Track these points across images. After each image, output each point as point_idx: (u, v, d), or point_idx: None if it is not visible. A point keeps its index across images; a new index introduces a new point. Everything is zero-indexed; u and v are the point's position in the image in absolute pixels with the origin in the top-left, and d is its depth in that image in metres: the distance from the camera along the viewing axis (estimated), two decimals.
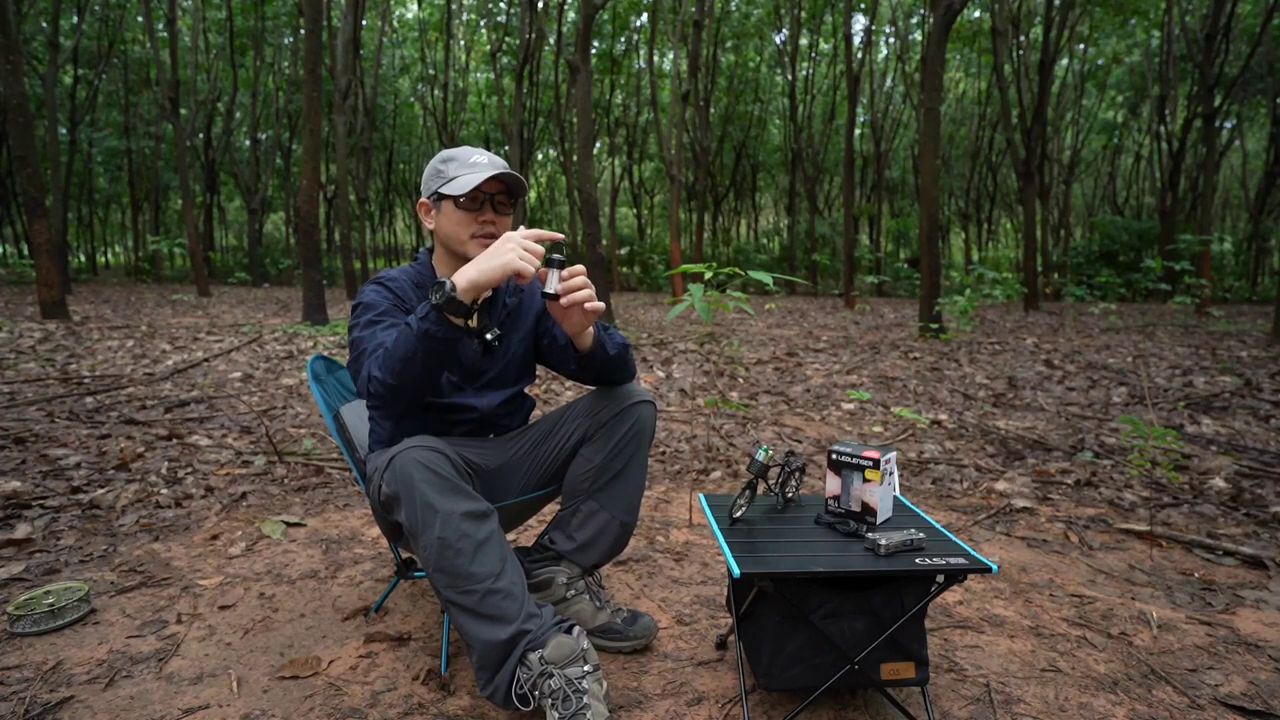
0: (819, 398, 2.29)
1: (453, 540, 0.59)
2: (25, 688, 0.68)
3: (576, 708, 0.56)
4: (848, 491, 0.69)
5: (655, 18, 8.80)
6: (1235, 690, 0.72)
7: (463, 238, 0.71)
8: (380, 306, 0.69)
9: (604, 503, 0.74)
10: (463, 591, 0.60)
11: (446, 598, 0.61)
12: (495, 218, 0.72)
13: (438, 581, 0.61)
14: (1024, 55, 7.63)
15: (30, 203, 3.93)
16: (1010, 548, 1.09)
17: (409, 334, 0.61)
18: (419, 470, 0.60)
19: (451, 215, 0.71)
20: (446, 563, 0.59)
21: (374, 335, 0.66)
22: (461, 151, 0.73)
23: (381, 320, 0.68)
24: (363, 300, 0.71)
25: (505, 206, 0.74)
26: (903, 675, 0.64)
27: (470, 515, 0.61)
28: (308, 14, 4.27)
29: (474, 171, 0.70)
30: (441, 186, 0.72)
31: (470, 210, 0.71)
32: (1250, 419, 1.97)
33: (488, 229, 0.72)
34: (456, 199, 0.70)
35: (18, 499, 1.16)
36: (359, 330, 0.68)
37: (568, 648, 0.59)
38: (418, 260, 0.78)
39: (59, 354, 2.80)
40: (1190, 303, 3.84)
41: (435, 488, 0.60)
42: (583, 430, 0.75)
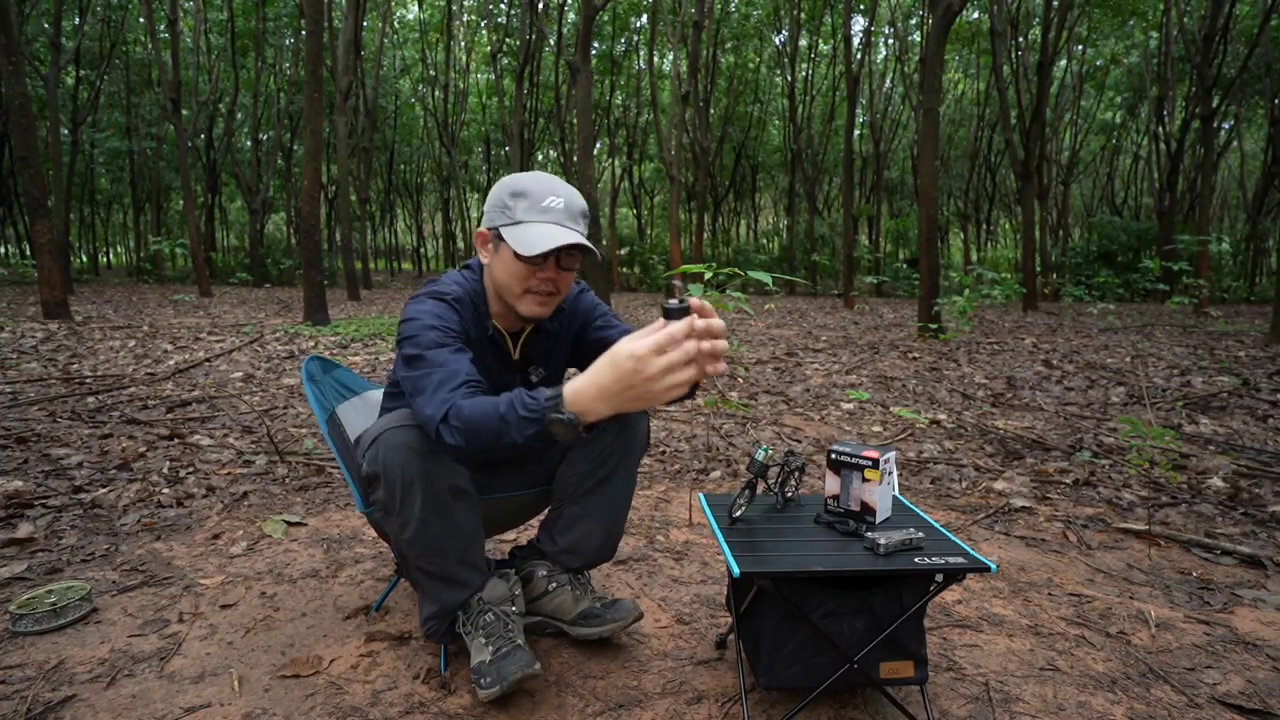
0: (818, 397, 2.29)
1: (433, 518, 0.60)
2: (27, 686, 0.68)
3: (506, 637, 0.64)
4: (847, 491, 0.70)
5: (655, 19, 8.81)
6: (1233, 689, 0.72)
7: (515, 291, 0.64)
8: (448, 322, 0.62)
9: (588, 508, 0.72)
10: (434, 562, 0.63)
11: (416, 565, 0.63)
12: (557, 275, 0.64)
13: (409, 551, 0.61)
14: (1023, 56, 7.68)
15: (32, 203, 3.94)
16: (1009, 547, 1.09)
17: (500, 428, 0.52)
18: (402, 453, 0.58)
19: (509, 264, 0.63)
20: (424, 538, 0.60)
21: (442, 358, 0.58)
22: (536, 185, 0.63)
23: (449, 342, 0.60)
24: (422, 313, 0.62)
25: (573, 262, 0.65)
26: (902, 674, 0.64)
27: (453, 493, 0.61)
28: (309, 15, 4.28)
29: (543, 222, 0.61)
30: (504, 227, 0.63)
31: (532, 264, 0.63)
32: (1248, 419, 1.97)
33: (547, 286, 0.64)
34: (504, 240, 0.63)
35: (20, 498, 1.16)
36: (425, 349, 0.59)
37: (503, 590, 0.67)
38: (469, 273, 0.69)
39: (61, 354, 2.80)
40: (1188, 303, 3.85)
41: (414, 463, 0.58)
42: None
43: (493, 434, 0.53)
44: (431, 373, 0.58)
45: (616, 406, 0.48)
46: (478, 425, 0.54)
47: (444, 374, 0.58)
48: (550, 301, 0.66)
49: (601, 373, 0.48)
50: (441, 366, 0.58)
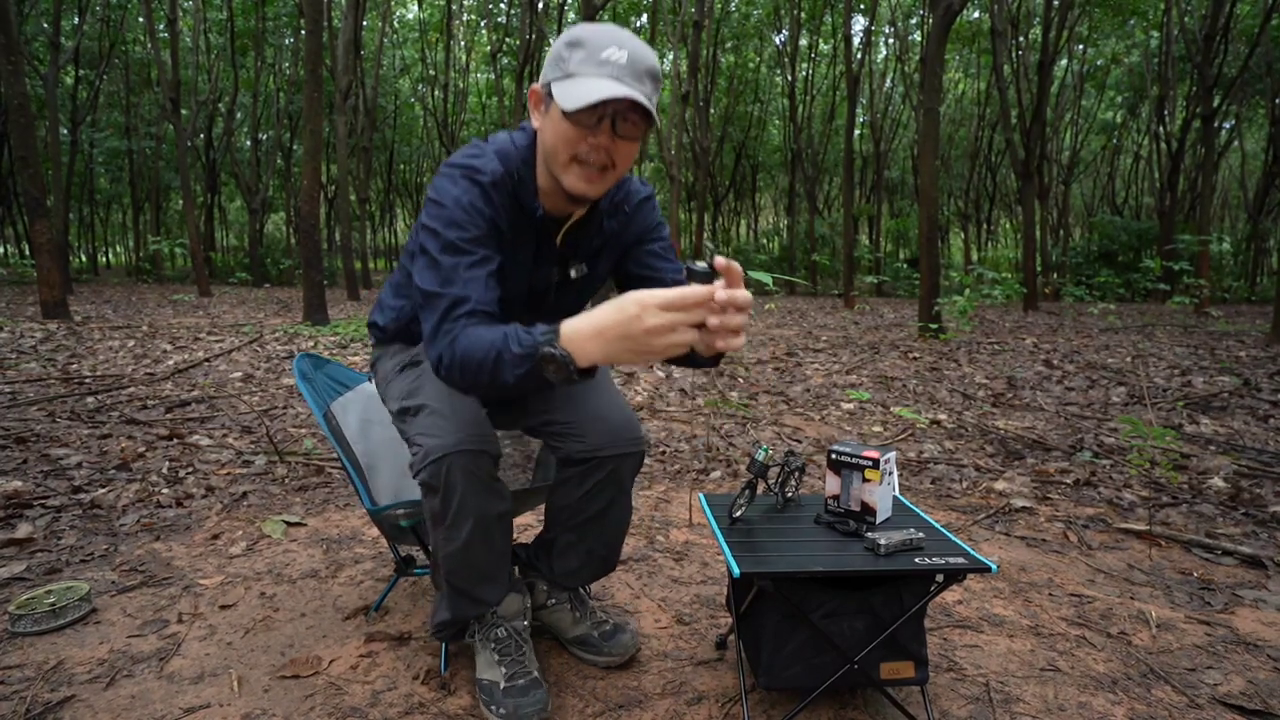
0: (818, 397, 2.29)
1: (478, 543, 0.60)
2: (26, 687, 0.68)
3: (520, 662, 0.64)
4: (847, 491, 0.69)
5: (655, 18, 8.81)
6: (1234, 690, 0.72)
7: (561, 159, 0.53)
8: (475, 219, 0.53)
9: (582, 536, 0.70)
10: (466, 579, 0.63)
11: (448, 578, 0.63)
12: (613, 143, 0.52)
13: (446, 564, 0.61)
14: (1023, 56, 7.64)
15: (31, 203, 3.93)
16: (1009, 547, 1.09)
17: (493, 366, 0.48)
18: (464, 478, 0.56)
19: (557, 124, 0.52)
20: (465, 558, 0.61)
21: (458, 276, 0.51)
22: (596, 34, 0.51)
23: (471, 250, 0.52)
24: (450, 200, 0.53)
25: (634, 129, 0.52)
26: (902, 675, 0.64)
27: (500, 517, 0.61)
28: (308, 15, 4.27)
29: (598, 76, 0.49)
30: (555, 82, 0.51)
31: (581, 126, 0.51)
32: (1249, 419, 1.96)
33: (598, 156, 0.52)
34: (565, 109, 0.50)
35: (19, 498, 1.16)
36: (443, 254, 0.52)
37: (517, 605, 0.67)
38: (520, 137, 0.58)
39: (60, 354, 2.80)
40: (1189, 303, 3.85)
41: (476, 491, 0.57)
42: (577, 432, 0.66)
43: (486, 372, 0.49)
44: (442, 295, 0.52)
45: (609, 353, 0.44)
46: (472, 363, 0.50)
47: (453, 298, 0.52)
48: (601, 179, 0.54)
49: (604, 312, 0.44)
50: (452, 286, 0.52)
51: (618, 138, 0.53)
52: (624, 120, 0.53)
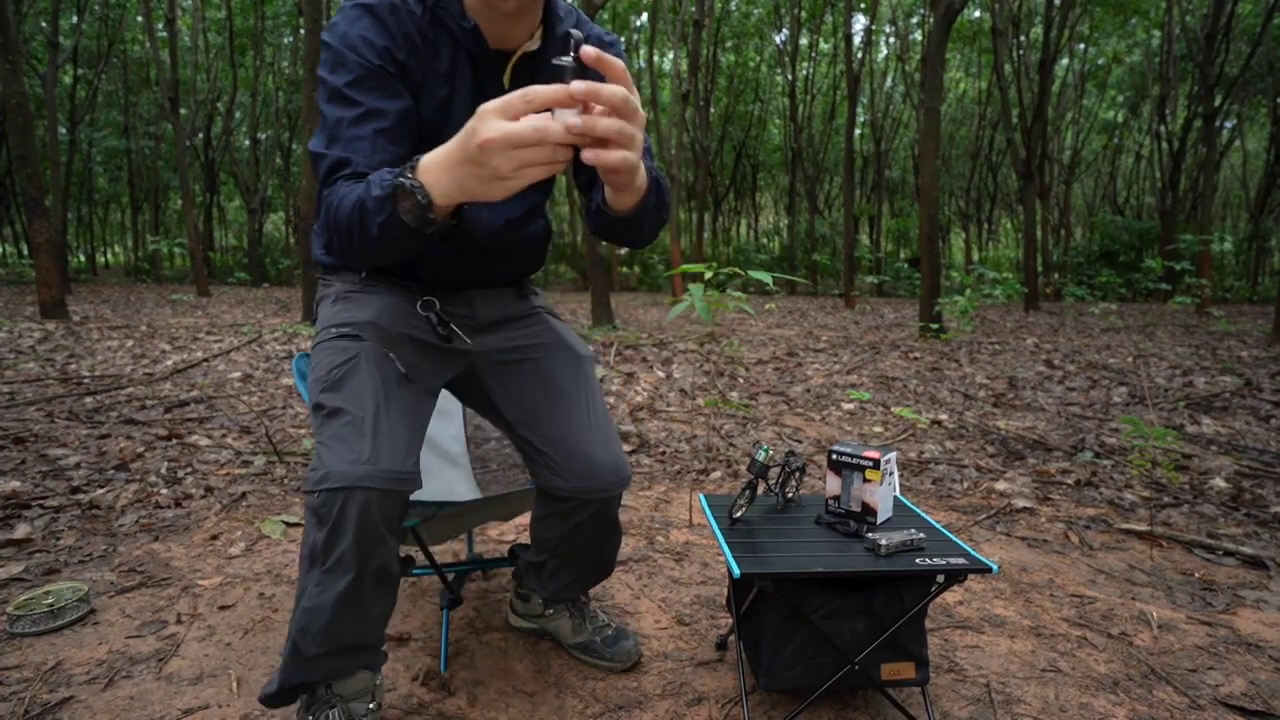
0: (819, 398, 2.29)
1: (348, 605, 0.47)
2: (25, 688, 0.68)
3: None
4: (848, 491, 0.69)
5: (655, 17, 8.80)
6: (1235, 690, 0.71)
7: None
8: (366, 55, 0.44)
9: (572, 561, 0.67)
10: (316, 641, 0.49)
11: (295, 636, 0.49)
12: None
13: (301, 619, 0.48)
14: (1024, 55, 7.62)
15: (30, 202, 3.92)
16: (1010, 548, 1.09)
17: (361, 220, 0.39)
18: (360, 522, 0.44)
19: None
20: (327, 617, 0.47)
21: (340, 131, 0.43)
22: None
23: (354, 101, 0.43)
24: (337, 39, 0.44)
25: None
26: (903, 675, 0.64)
27: (384, 579, 0.48)
28: (307, 14, 4.26)
29: None
30: None
31: None
32: (1251, 419, 1.96)
33: None
34: None
35: (17, 499, 1.16)
36: (327, 103, 0.44)
37: (364, 684, 0.54)
38: None
39: (58, 354, 2.79)
40: (1190, 303, 3.85)
41: (369, 543, 0.45)
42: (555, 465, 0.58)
43: (356, 229, 0.40)
44: (323, 156, 0.43)
45: (460, 183, 0.34)
46: (343, 225, 0.41)
47: (333, 160, 0.43)
48: None
49: (456, 140, 0.34)
50: (335, 145, 0.43)
51: None
52: None
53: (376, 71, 0.45)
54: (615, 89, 0.32)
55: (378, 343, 0.52)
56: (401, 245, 0.40)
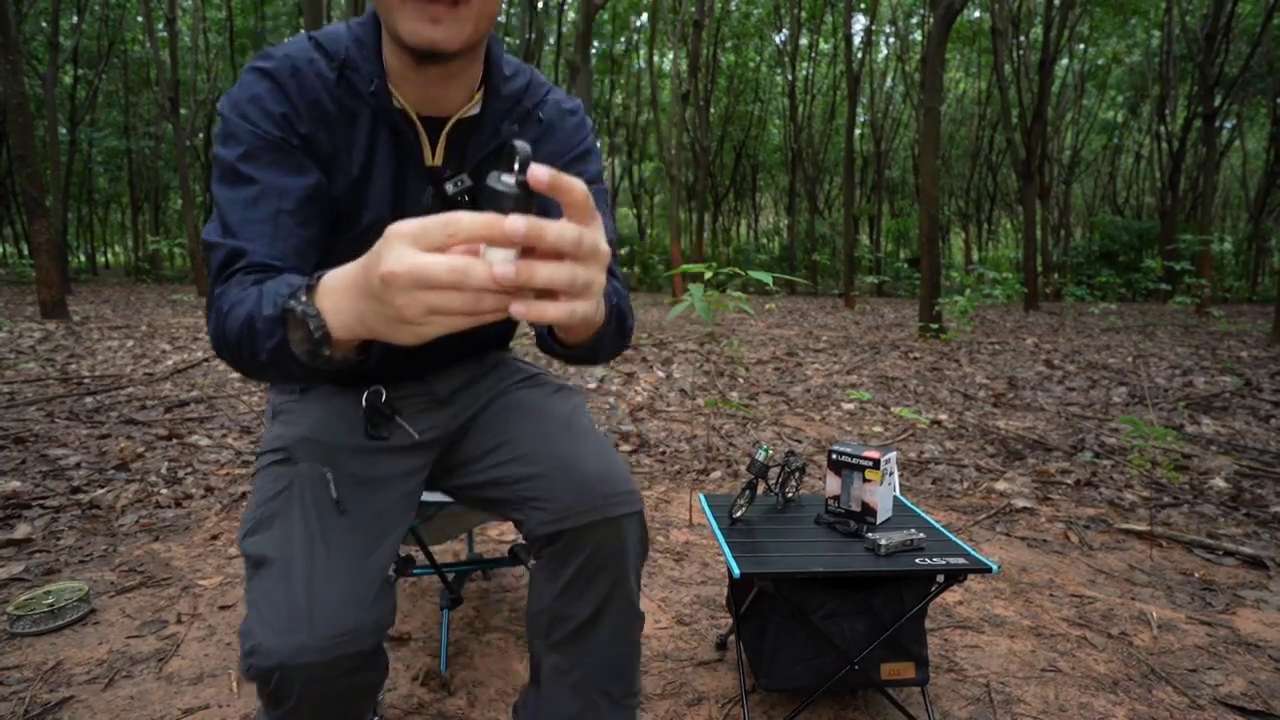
0: (819, 398, 2.28)
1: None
2: (25, 688, 0.68)
3: None
4: (848, 491, 0.69)
5: (655, 18, 8.80)
6: (1235, 690, 0.72)
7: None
8: (247, 142, 0.37)
9: (575, 660, 0.46)
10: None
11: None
12: None
13: None
14: (1024, 55, 7.62)
15: (30, 202, 3.92)
16: (1010, 548, 1.09)
17: (249, 340, 0.32)
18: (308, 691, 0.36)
19: None
20: None
21: (233, 214, 0.36)
22: None
23: (248, 178, 0.36)
24: (224, 113, 0.38)
25: None
26: (903, 675, 0.64)
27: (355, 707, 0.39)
28: (307, 14, 4.26)
29: None
30: None
31: None
32: (1250, 419, 1.96)
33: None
34: None
35: (17, 499, 1.16)
36: (219, 183, 0.38)
37: None
38: (355, 20, 0.41)
39: (59, 354, 2.79)
40: (1190, 303, 3.86)
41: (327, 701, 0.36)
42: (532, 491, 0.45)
43: (246, 350, 0.33)
44: (216, 246, 0.36)
45: (361, 317, 0.26)
46: (231, 340, 0.33)
47: (228, 251, 0.36)
48: (452, 18, 0.36)
49: (360, 262, 0.27)
50: (230, 234, 0.36)
51: None
52: None
53: (275, 143, 0.38)
54: (565, 230, 0.23)
55: (315, 462, 0.42)
56: (296, 376, 0.33)
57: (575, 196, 0.24)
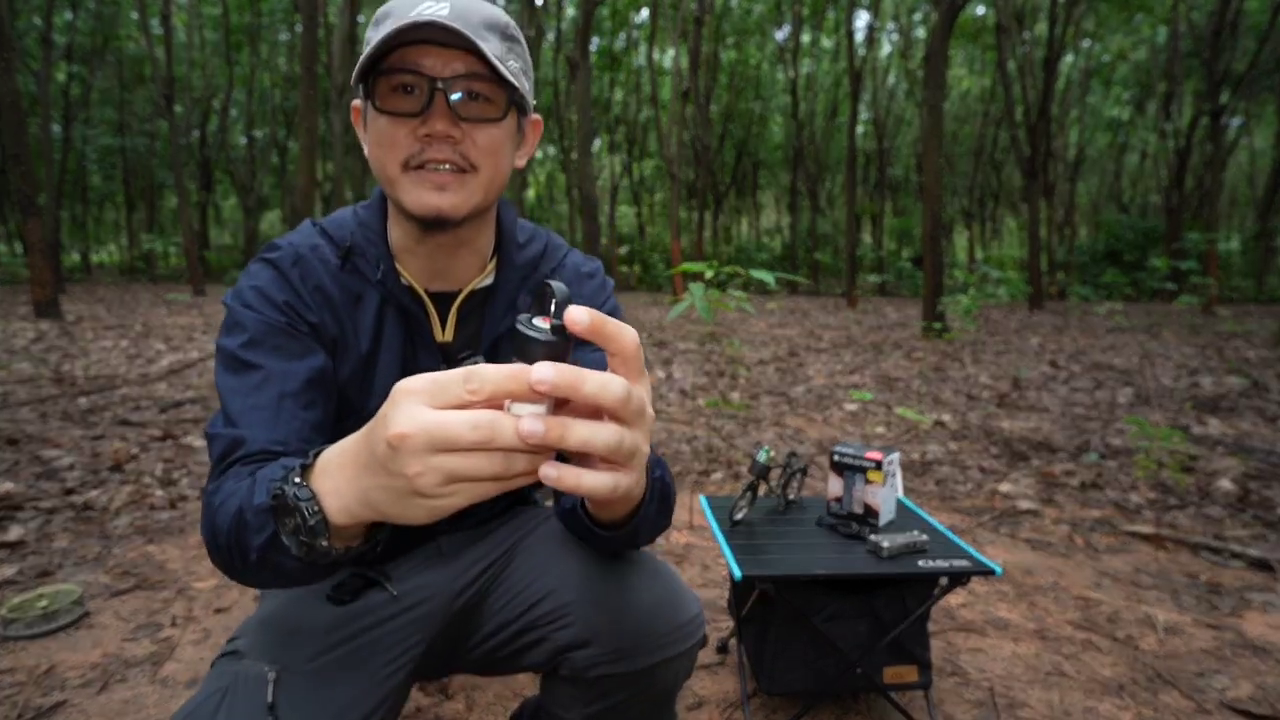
0: (821, 398, 2.27)
1: None
2: (18, 692, 0.67)
3: None
4: (850, 493, 0.68)
5: (656, 14, 8.75)
6: (1242, 694, 0.71)
7: (390, 171, 0.35)
8: (251, 329, 0.35)
9: None
10: None
11: None
12: (452, 127, 0.34)
13: None
14: (1028, 51, 7.57)
15: (23, 201, 3.91)
16: (1014, 550, 1.08)
17: (240, 536, 0.29)
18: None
19: (374, 126, 0.35)
20: None
21: (235, 402, 0.34)
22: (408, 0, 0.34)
23: (251, 364, 0.34)
24: (235, 301, 0.37)
25: (486, 107, 0.35)
26: (905, 679, 0.63)
27: None
28: (303, 10, 4.24)
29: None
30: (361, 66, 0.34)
31: (399, 114, 0.34)
32: (1258, 419, 1.95)
33: (440, 150, 0.34)
34: (369, 89, 0.34)
35: (10, 500, 1.15)
36: (223, 373, 0.36)
37: None
38: (362, 205, 0.41)
39: (52, 354, 2.78)
40: (1197, 302, 3.83)
41: None
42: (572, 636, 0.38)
43: (236, 551, 0.29)
44: (216, 438, 0.34)
45: (365, 495, 0.23)
46: (221, 538, 0.30)
47: (227, 441, 0.33)
48: (459, 185, 0.35)
49: (361, 432, 0.23)
50: (230, 424, 0.34)
51: (464, 119, 0.34)
52: (465, 94, 0.34)
53: (279, 328, 0.36)
54: (609, 382, 0.19)
55: (259, 658, 0.36)
56: (293, 575, 0.28)
57: (624, 344, 0.20)
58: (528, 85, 0.37)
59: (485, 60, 0.33)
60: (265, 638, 0.38)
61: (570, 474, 0.20)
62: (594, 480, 0.20)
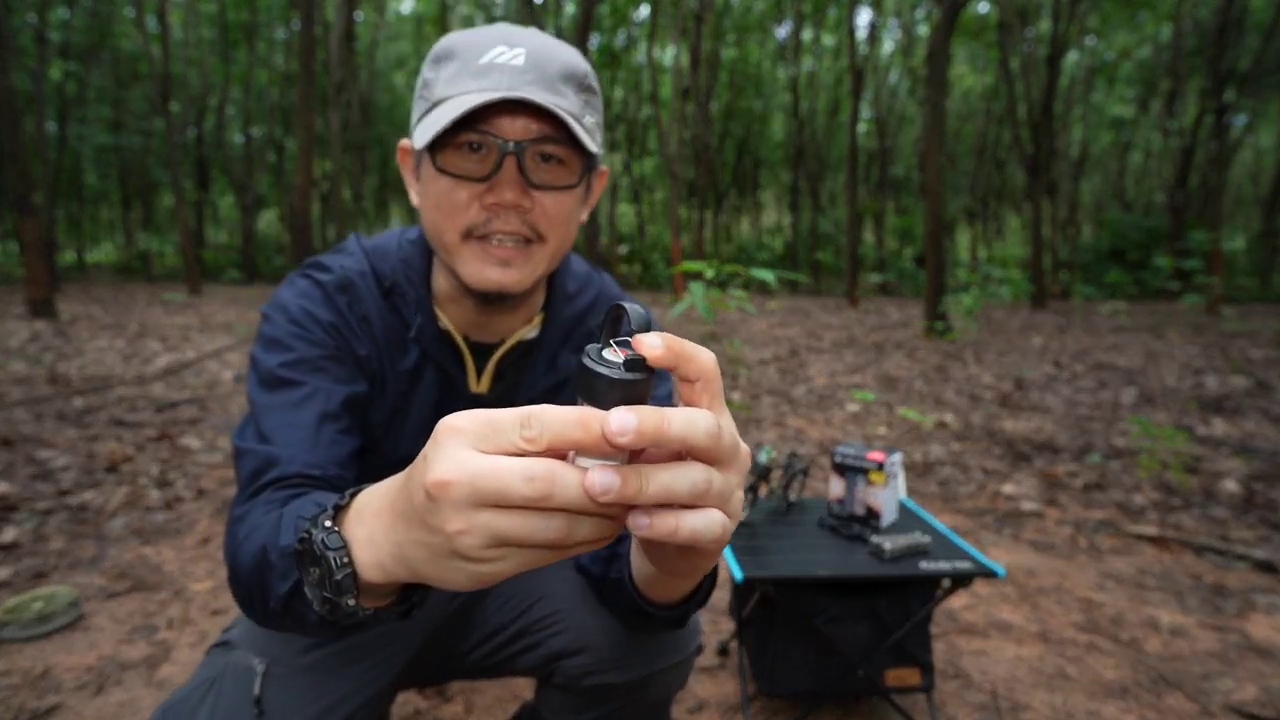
0: (822, 398, 2.26)
1: None
2: (13, 695, 0.67)
3: None
4: (852, 494, 0.68)
5: (656, 11, 8.71)
6: (1247, 697, 0.70)
7: (449, 238, 0.33)
8: (309, 334, 0.34)
9: None
10: None
11: None
12: (526, 194, 0.32)
13: None
14: (1031, 49, 7.57)
15: (19, 200, 3.89)
16: (1017, 551, 1.07)
17: (263, 577, 0.26)
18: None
19: (434, 186, 0.33)
20: None
21: (271, 418, 0.31)
22: (473, 37, 0.33)
23: (293, 381, 0.32)
24: (278, 313, 0.35)
25: (560, 171, 0.33)
26: (908, 681, 0.63)
27: None
28: (301, 7, 4.23)
29: (475, 91, 0.31)
30: (420, 122, 0.33)
31: (467, 176, 0.32)
32: (1262, 420, 1.93)
33: (507, 221, 0.32)
34: (429, 145, 0.31)
35: (5, 502, 1.15)
36: (258, 389, 0.33)
37: None
38: (407, 236, 0.39)
39: (47, 354, 2.77)
40: (1201, 301, 3.79)
41: None
42: (565, 643, 0.38)
43: (258, 595, 0.26)
44: (247, 454, 0.31)
45: (400, 550, 0.19)
46: (242, 577, 0.27)
47: (260, 459, 0.30)
48: (524, 259, 0.33)
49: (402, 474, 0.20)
50: (263, 440, 0.31)
51: (534, 187, 0.32)
52: (537, 156, 0.32)
53: (325, 351, 0.34)
54: (697, 418, 0.16)
55: (248, 650, 0.35)
56: (316, 632, 0.25)
57: (703, 366, 0.17)
58: (600, 138, 0.34)
59: (563, 123, 0.31)
60: (257, 630, 0.37)
61: (667, 519, 0.15)
62: (698, 521, 0.16)
